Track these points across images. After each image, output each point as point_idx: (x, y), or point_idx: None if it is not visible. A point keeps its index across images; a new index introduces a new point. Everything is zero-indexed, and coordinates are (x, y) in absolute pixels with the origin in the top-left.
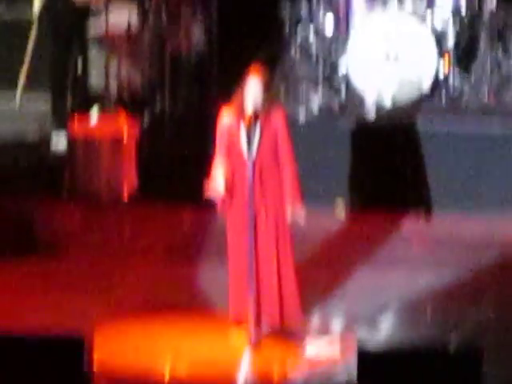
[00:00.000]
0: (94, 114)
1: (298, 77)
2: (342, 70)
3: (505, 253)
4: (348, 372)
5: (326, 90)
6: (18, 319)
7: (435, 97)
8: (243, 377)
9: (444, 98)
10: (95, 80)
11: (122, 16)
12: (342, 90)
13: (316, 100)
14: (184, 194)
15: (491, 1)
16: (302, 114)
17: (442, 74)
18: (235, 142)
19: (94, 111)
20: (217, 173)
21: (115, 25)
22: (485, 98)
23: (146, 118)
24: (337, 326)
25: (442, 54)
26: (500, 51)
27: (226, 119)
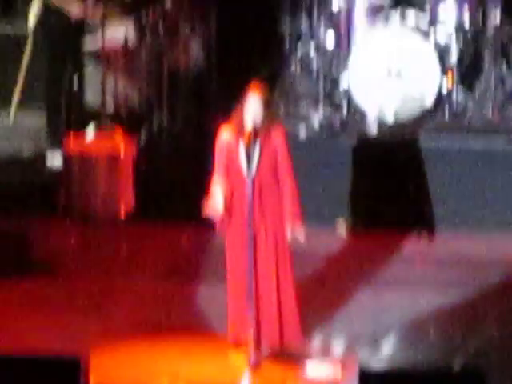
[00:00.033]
0: (90, 131)
1: (299, 92)
2: (343, 85)
3: (508, 272)
4: None
5: (326, 106)
6: (13, 340)
7: (438, 113)
8: None
9: (447, 114)
10: (91, 96)
11: (118, 31)
12: (344, 106)
13: (317, 116)
14: (182, 213)
15: (495, 16)
16: (303, 131)
17: (445, 90)
18: (234, 160)
19: (90, 128)
20: (215, 191)
21: (112, 40)
22: (489, 114)
23: (143, 135)
24: (338, 347)
25: (445, 69)
26: (504, 67)
27: (225, 136)
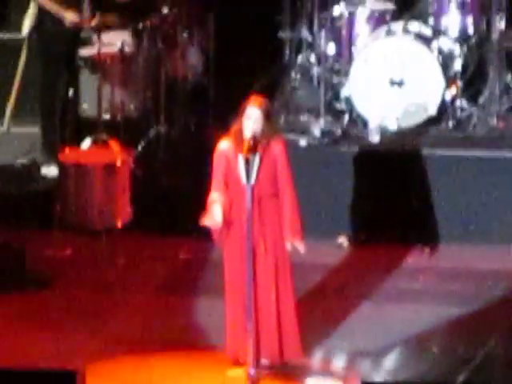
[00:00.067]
0: (87, 140)
1: (299, 100)
2: (344, 93)
3: None
4: None
5: (327, 115)
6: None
7: (442, 121)
8: None
9: (451, 123)
10: (87, 105)
11: (114, 38)
12: (345, 114)
13: (317, 124)
14: (180, 224)
15: (499, 23)
16: (304, 139)
17: (448, 98)
18: (233, 171)
19: (87, 138)
20: (214, 202)
21: (108, 47)
22: (493, 122)
23: (140, 144)
24: (339, 362)
25: (449, 77)
26: (509, 74)
27: (224, 148)
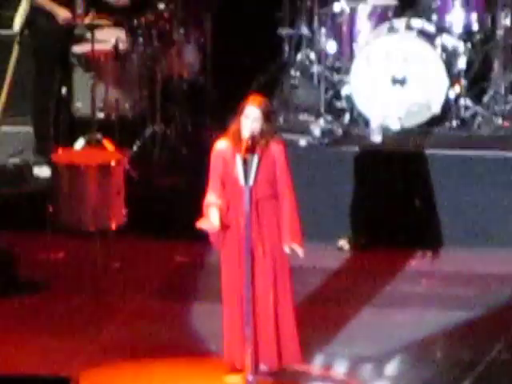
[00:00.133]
0: (80, 140)
1: (299, 99)
2: (345, 91)
3: None
4: None
5: (328, 113)
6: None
7: (446, 120)
8: None
9: (455, 122)
10: (80, 103)
11: (108, 35)
12: (346, 113)
13: (318, 124)
14: (176, 226)
15: (505, 19)
16: (303, 139)
17: (452, 97)
18: (230, 172)
19: (80, 138)
20: (211, 205)
21: (102, 45)
22: (498, 121)
23: (135, 145)
24: (340, 368)
25: (452, 75)
26: None
27: (222, 149)
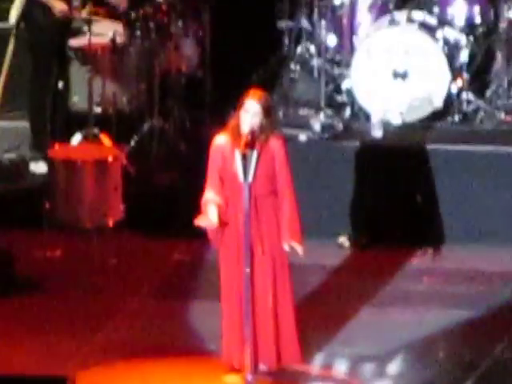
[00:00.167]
0: (77, 135)
1: (299, 93)
2: (345, 85)
3: None
4: None
5: (328, 108)
6: None
7: (448, 115)
8: None
9: (457, 116)
10: (77, 98)
11: (106, 28)
12: (346, 108)
13: (318, 118)
14: (174, 223)
15: (508, 11)
16: (303, 134)
17: (454, 91)
18: (229, 168)
19: (77, 133)
20: (209, 201)
21: (99, 38)
22: (501, 115)
23: (133, 140)
24: (340, 368)
25: (454, 68)
26: None
27: (220, 144)
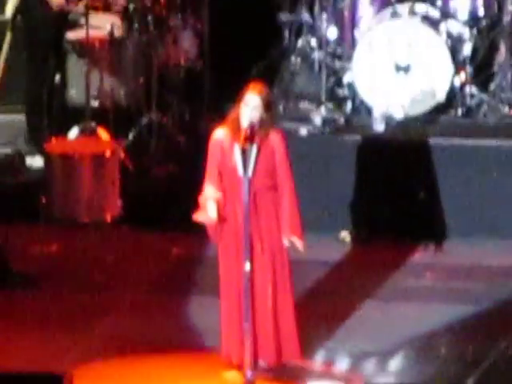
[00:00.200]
0: (74, 129)
1: (299, 87)
2: (347, 78)
3: None
4: None
5: (329, 101)
6: None
7: (451, 109)
8: None
9: (460, 110)
10: (74, 91)
11: (103, 21)
12: (348, 101)
13: (319, 112)
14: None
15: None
16: (304, 128)
17: (458, 84)
18: (228, 163)
19: (74, 127)
20: (208, 196)
21: (96, 31)
22: (505, 109)
23: (131, 134)
24: (341, 364)
25: (458, 62)
26: None
27: (220, 138)
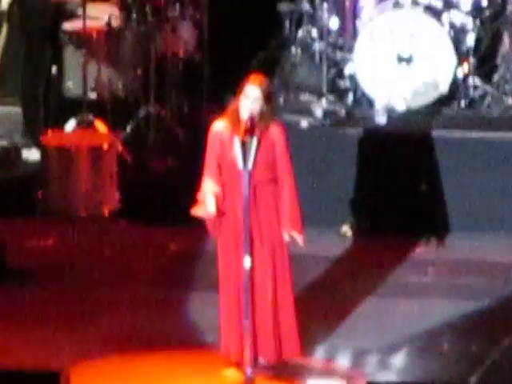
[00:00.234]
0: (71, 121)
1: (300, 78)
2: (348, 70)
3: None
4: None
5: (330, 93)
6: None
7: (454, 100)
8: None
9: (463, 102)
10: (71, 83)
11: (101, 12)
12: (349, 93)
13: (320, 104)
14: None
15: None
16: (304, 120)
17: (461, 75)
18: (227, 156)
19: (71, 119)
20: (207, 190)
21: (94, 21)
22: (509, 101)
23: (129, 126)
24: (343, 361)
25: (461, 53)
26: None
27: (219, 130)
